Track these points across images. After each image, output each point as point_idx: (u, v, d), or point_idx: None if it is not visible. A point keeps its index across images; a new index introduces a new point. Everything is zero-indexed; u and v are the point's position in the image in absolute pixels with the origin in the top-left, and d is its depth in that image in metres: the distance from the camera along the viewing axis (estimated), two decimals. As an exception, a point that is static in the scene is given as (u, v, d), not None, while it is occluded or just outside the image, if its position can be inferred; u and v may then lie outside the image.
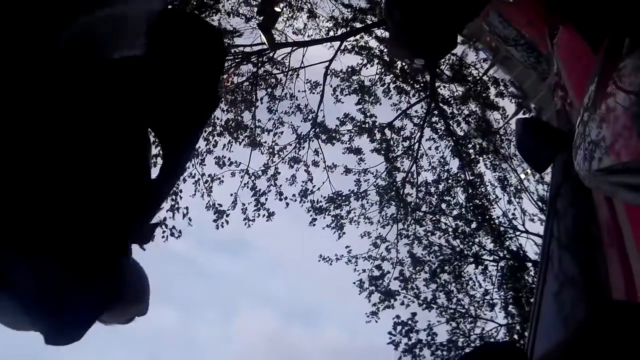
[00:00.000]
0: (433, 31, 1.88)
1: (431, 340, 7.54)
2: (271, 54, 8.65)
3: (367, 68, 8.64)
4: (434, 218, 8.21)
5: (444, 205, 8.31)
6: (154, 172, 0.94)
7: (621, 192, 1.17)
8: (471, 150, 8.74)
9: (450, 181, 8.45)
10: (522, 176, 9.30)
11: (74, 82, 0.56)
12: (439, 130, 8.65)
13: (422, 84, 8.82)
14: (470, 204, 8.45)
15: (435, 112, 8.73)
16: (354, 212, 8.13)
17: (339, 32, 8.98)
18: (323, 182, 8.05)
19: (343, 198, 8.09)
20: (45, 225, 0.59)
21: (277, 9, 8.58)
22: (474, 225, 8.45)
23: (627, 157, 1.12)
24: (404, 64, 7.70)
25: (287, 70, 8.65)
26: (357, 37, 8.86)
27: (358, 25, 9.07)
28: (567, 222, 1.68)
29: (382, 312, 7.94)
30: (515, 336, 8.12)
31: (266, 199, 7.93)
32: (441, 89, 8.96)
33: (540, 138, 1.76)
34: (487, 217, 8.49)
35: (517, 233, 8.75)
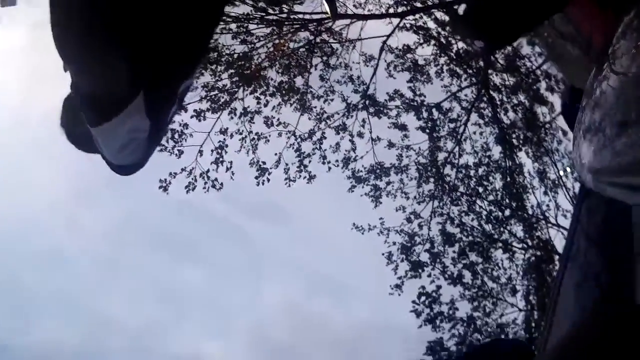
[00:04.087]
0: (505, 20, 1.80)
1: (452, 314, 7.88)
2: (330, 24, 8.90)
3: (422, 47, 8.80)
4: (470, 199, 8.44)
5: (480, 189, 8.52)
6: None
7: (620, 192, 1.16)
8: (515, 140, 8.86)
9: (490, 166, 8.63)
10: (561, 172, 9.41)
11: None
12: (485, 117, 8.80)
13: (475, 70, 8.94)
14: (507, 192, 8.63)
15: (485, 98, 8.86)
16: (392, 186, 8.44)
17: (400, 10, 9.14)
18: (367, 152, 8.36)
19: (384, 170, 8.39)
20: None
21: (343, -20, 8.80)
22: (507, 212, 8.66)
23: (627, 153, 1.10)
24: (462, 42, 7.83)
25: (344, 41, 8.89)
26: (417, 16, 9.00)
27: (419, 4, 9.19)
28: (597, 218, 1.69)
29: (404, 293, 8.22)
30: (532, 324, 8.38)
31: (309, 162, 8.31)
32: (493, 77, 9.05)
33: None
34: (522, 205, 8.66)
35: (549, 225, 8.92)
